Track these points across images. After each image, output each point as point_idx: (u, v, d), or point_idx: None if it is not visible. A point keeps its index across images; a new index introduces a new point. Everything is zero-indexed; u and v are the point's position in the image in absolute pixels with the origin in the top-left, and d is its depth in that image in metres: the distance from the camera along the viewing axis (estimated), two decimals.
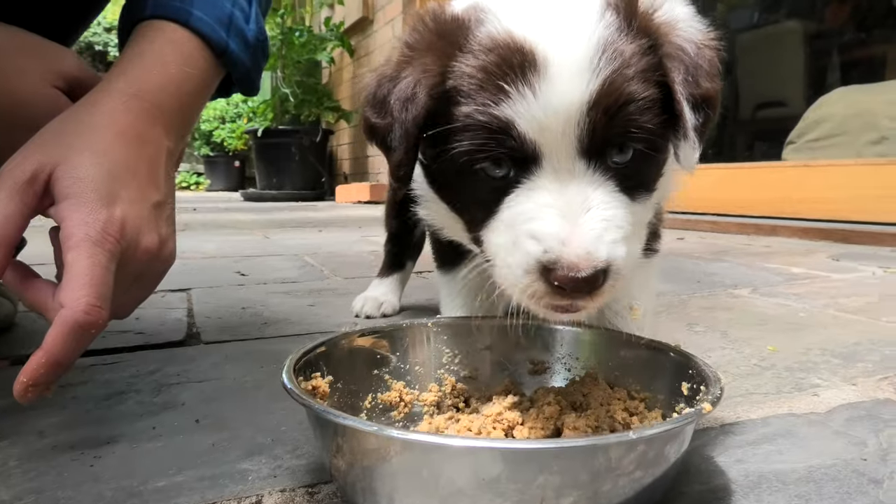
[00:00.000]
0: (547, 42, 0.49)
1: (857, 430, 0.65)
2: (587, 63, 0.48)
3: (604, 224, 0.47)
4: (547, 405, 0.60)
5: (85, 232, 0.57)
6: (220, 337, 1.04)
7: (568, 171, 0.49)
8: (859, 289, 1.43)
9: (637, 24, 0.51)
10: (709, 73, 0.52)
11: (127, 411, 0.72)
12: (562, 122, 0.48)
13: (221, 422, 0.68)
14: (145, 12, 0.74)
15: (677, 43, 0.52)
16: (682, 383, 0.59)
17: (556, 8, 0.52)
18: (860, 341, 1.00)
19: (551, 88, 0.48)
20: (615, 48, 0.49)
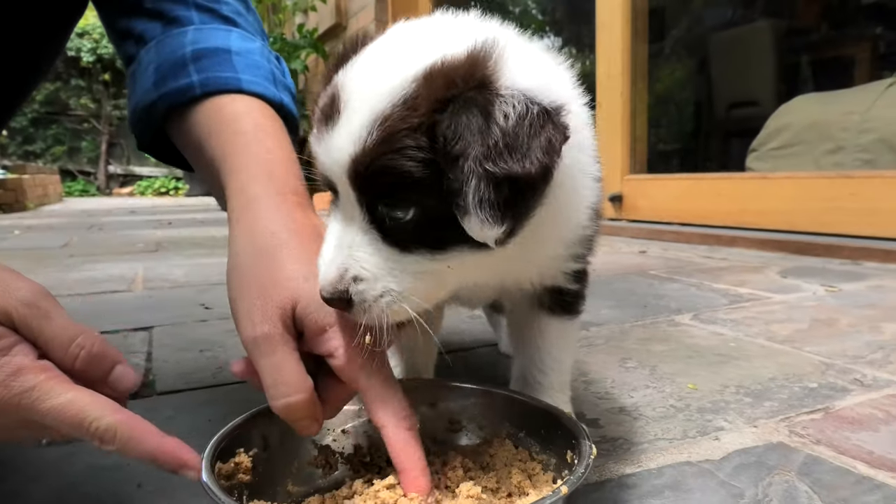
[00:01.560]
0: (346, 96, 0.54)
1: (740, 480, 0.72)
2: (361, 128, 0.52)
3: (351, 263, 0.56)
4: (452, 470, 0.67)
5: (358, 354, 0.62)
6: (175, 385, 1.09)
7: (349, 212, 0.57)
8: (794, 313, 1.51)
9: (434, 97, 0.51)
10: (521, 150, 0.49)
11: (75, 474, 0.77)
12: (339, 173, 0.55)
13: (162, 486, 0.73)
14: (194, 92, 0.79)
15: (475, 119, 0.49)
16: (568, 452, 0.65)
17: (378, 62, 0.56)
18: (776, 376, 1.07)
19: (333, 141, 0.54)
20: (392, 119, 0.51)
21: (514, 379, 0.85)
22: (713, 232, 2.84)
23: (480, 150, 0.48)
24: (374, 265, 0.56)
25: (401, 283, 0.57)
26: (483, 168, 0.48)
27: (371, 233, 0.56)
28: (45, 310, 0.58)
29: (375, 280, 0.56)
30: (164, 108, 0.84)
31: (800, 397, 0.97)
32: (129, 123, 0.95)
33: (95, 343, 0.59)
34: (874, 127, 2.69)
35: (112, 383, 0.61)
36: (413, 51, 0.55)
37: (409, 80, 0.52)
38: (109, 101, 13.86)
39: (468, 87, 0.50)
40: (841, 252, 2.26)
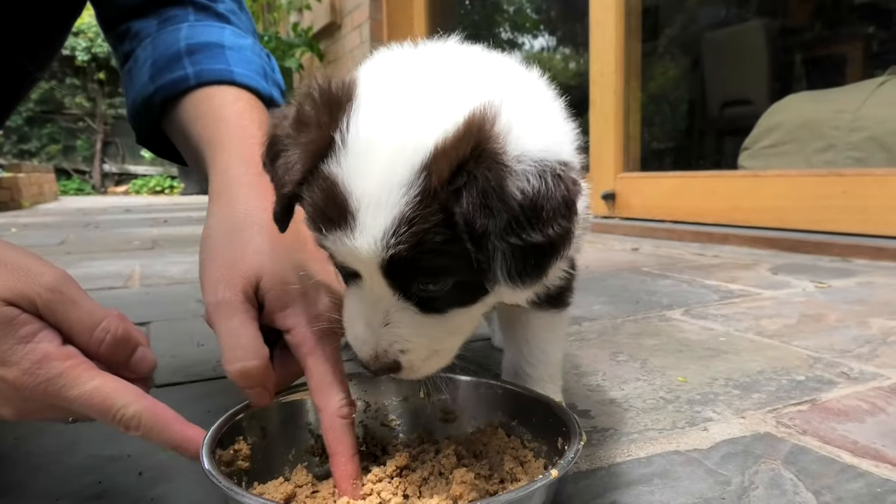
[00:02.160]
0: (356, 198, 0.51)
1: (727, 468, 0.74)
2: (384, 233, 0.50)
3: (394, 339, 0.57)
4: (446, 457, 0.69)
5: (312, 336, 0.66)
6: (173, 379, 1.11)
7: (378, 292, 0.56)
8: (783, 308, 1.53)
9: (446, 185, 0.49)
10: (540, 220, 0.48)
11: (76, 465, 0.78)
12: (367, 264, 0.53)
13: (164, 474, 0.75)
14: (188, 83, 0.81)
15: (491, 199, 0.48)
16: (559, 438, 0.67)
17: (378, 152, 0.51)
18: (764, 369, 1.09)
19: (357, 244, 0.52)
20: (413, 221, 0.49)
21: (505, 371, 0.87)
22: (705, 229, 2.86)
23: (501, 227, 0.48)
24: (416, 336, 0.58)
25: (441, 342, 0.61)
26: (507, 242, 0.48)
27: (407, 309, 0.57)
28: (70, 295, 0.59)
29: (421, 348, 0.59)
30: (161, 100, 0.87)
31: (787, 389, 0.99)
32: (129, 118, 0.97)
33: (120, 327, 0.61)
34: (865, 125, 2.72)
35: (133, 366, 0.64)
36: (412, 128, 0.51)
37: (418, 172, 0.49)
38: (104, 99, 13.82)
39: (478, 167, 0.48)
40: (831, 249, 2.29)
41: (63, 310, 0.58)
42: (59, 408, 0.58)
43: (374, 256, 0.51)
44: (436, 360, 0.61)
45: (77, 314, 0.59)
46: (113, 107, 13.84)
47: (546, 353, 0.84)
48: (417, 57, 0.61)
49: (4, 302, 0.56)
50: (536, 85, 0.64)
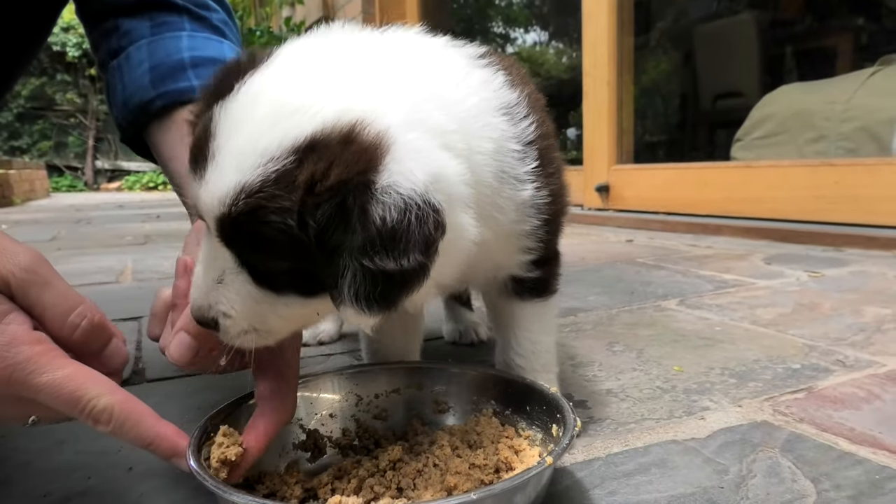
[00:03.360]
0: (217, 144, 0.50)
1: (724, 457, 0.73)
2: (228, 191, 0.49)
3: (219, 299, 0.56)
4: (440, 448, 0.68)
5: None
6: (164, 373, 1.09)
7: (219, 250, 0.54)
8: (778, 298, 1.53)
9: (309, 183, 0.47)
10: (396, 250, 0.47)
11: (66, 461, 0.77)
12: (208, 217, 0.52)
13: (153, 469, 0.74)
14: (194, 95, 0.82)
15: (352, 217, 0.47)
16: (553, 426, 0.66)
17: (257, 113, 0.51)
18: (760, 358, 1.08)
19: (201, 190, 0.51)
20: (260, 195, 0.48)
21: (497, 363, 0.87)
22: (699, 221, 2.86)
23: (356, 246, 0.46)
24: (241, 305, 0.56)
25: (266, 322, 0.57)
26: (359, 262, 0.47)
27: (241, 274, 0.55)
28: (45, 276, 0.56)
29: (241, 319, 0.56)
30: (160, 107, 0.87)
31: (783, 378, 0.99)
32: (117, 115, 0.95)
33: (97, 314, 0.59)
34: (856, 116, 2.72)
35: (106, 358, 0.60)
36: (299, 106, 0.50)
37: (285, 153, 0.48)
38: (96, 95, 13.68)
39: (349, 187, 0.47)
40: (824, 239, 2.29)
41: (37, 291, 0.55)
42: (20, 400, 0.53)
43: (214, 210, 0.50)
44: (255, 337, 0.58)
45: (51, 297, 0.56)
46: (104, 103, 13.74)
47: (535, 342, 0.84)
48: (351, 42, 0.60)
49: None
50: (457, 107, 0.59)
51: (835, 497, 0.64)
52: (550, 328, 0.85)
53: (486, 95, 0.64)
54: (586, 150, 3.58)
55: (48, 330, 0.56)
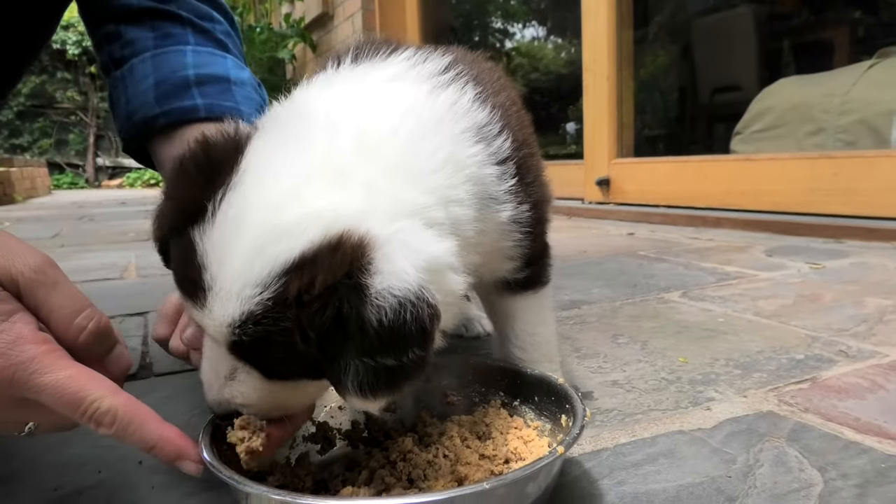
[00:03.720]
0: (211, 275, 0.51)
1: (731, 447, 0.74)
2: (230, 319, 0.50)
3: (235, 395, 0.58)
4: (449, 439, 0.69)
5: None
6: (172, 367, 1.10)
7: (226, 353, 0.55)
8: (780, 289, 1.54)
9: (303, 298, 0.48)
10: (395, 348, 0.48)
11: (76, 454, 0.77)
12: (213, 331, 0.53)
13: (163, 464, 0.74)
14: (199, 114, 0.84)
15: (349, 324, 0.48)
16: (562, 416, 0.67)
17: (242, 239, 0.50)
18: (763, 349, 1.09)
19: (204, 319, 0.52)
20: (261, 320, 0.49)
21: (497, 357, 0.87)
22: (699, 213, 2.87)
23: (356, 348, 0.48)
24: (256, 397, 0.57)
25: (284, 403, 0.60)
26: (360, 361, 0.48)
27: (252, 372, 0.56)
28: (53, 278, 0.56)
29: (261, 407, 0.58)
30: (164, 124, 0.88)
31: (787, 368, 0.99)
32: (121, 128, 0.96)
33: (103, 318, 0.59)
34: (854, 108, 2.72)
35: (110, 363, 0.60)
36: (279, 230, 0.50)
37: (277, 277, 0.48)
38: (96, 93, 13.64)
39: (342, 295, 0.47)
40: (824, 231, 2.30)
41: (45, 292, 0.55)
42: (21, 402, 0.53)
43: (220, 336, 0.52)
44: (277, 414, 0.61)
45: (59, 299, 0.56)
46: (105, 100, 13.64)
47: (533, 334, 0.84)
48: (326, 127, 0.57)
49: None
50: (430, 176, 0.58)
51: (842, 486, 0.65)
52: (547, 318, 0.85)
53: (455, 129, 0.62)
54: (587, 145, 3.58)
55: (54, 331, 0.56)
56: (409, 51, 0.71)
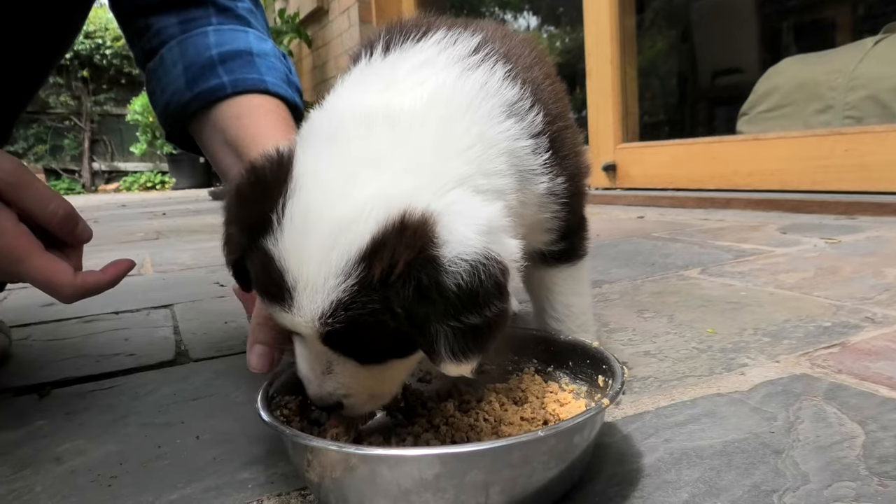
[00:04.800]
0: (293, 278, 0.53)
1: (770, 406, 0.76)
2: (320, 313, 0.52)
3: (336, 387, 0.60)
4: (488, 404, 0.71)
5: None
6: (208, 353, 1.12)
7: (320, 349, 0.57)
8: (798, 263, 1.55)
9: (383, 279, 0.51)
10: (476, 306, 0.50)
11: (133, 433, 0.80)
12: (306, 331, 0.55)
13: (219, 436, 0.77)
14: (225, 91, 0.88)
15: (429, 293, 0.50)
16: (599, 377, 0.69)
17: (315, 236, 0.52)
18: (790, 318, 1.11)
19: (294, 320, 0.54)
20: (347, 307, 0.51)
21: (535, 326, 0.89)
22: (707, 195, 2.88)
23: (441, 313, 0.50)
24: (355, 385, 0.60)
25: (380, 387, 0.63)
26: (448, 326, 0.50)
27: (348, 362, 0.58)
28: (27, 180, 0.70)
29: (361, 394, 0.61)
30: (197, 107, 0.91)
31: (816, 335, 1.01)
32: (161, 118, 0.99)
33: (68, 204, 0.74)
34: (862, 84, 2.73)
35: (77, 235, 0.77)
36: (349, 219, 0.52)
37: (355, 264, 0.51)
38: (89, 97, 13.60)
39: (419, 269, 0.50)
40: (835, 208, 2.31)
41: (22, 191, 0.70)
42: (7, 272, 0.70)
43: (312, 331, 0.54)
44: (375, 402, 0.65)
45: (34, 193, 0.71)
46: (98, 104, 13.63)
47: (570, 305, 0.86)
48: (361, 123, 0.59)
49: None
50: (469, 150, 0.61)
51: (883, 437, 0.66)
52: (583, 290, 0.87)
53: (485, 108, 0.64)
54: (591, 130, 3.59)
55: (35, 218, 0.72)
56: (439, 33, 0.71)
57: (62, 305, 1.58)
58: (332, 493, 0.56)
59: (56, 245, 0.75)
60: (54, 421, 0.85)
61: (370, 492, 0.53)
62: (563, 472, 0.56)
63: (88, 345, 1.23)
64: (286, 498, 0.62)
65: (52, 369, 1.08)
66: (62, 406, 0.91)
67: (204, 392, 0.93)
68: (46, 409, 0.90)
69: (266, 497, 0.62)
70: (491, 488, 0.52)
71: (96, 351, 1.18)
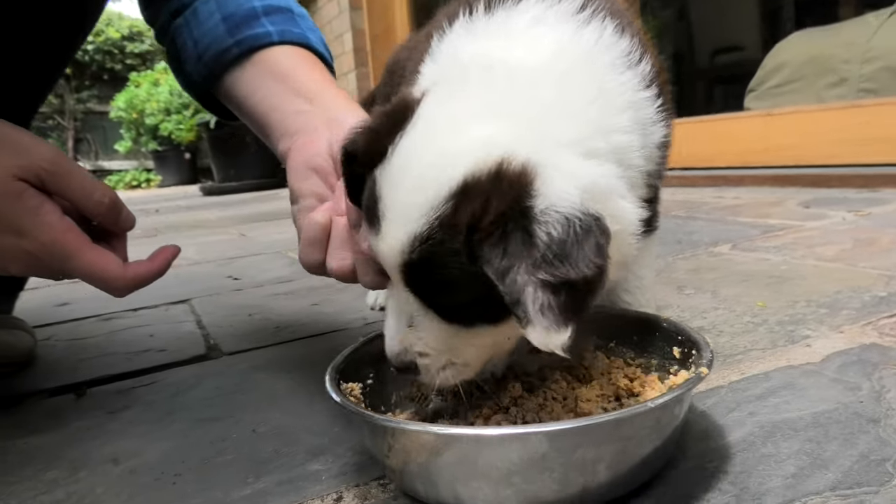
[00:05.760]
0: (384, 204, 0.54)
1: (850, 376, 0.73)
2: (401, 244, 0.52)
3: (414, 341, 0.58)
4: (554, 382, 0.68)
5: None
6: (240, 346, 1.08)
7: (405, 296, 0.57)
8: (833, 236, 1.52)
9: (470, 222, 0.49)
10: (572, 259, 0.47)
11: (184, 429, 0.76)
12: (390, 267, 0.55)
13: (275, 429, 0.73)
14: (272, 38, 0.87)
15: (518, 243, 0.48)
16: (674, 348, 0.66)
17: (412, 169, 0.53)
18: (841, 289, 1.08)
19: (379, 246, 0.55)
20: (430, 242, 0.50)
21: None
22: (720, 173, 2.84)
23: (529, 264, 0.47)
24: (434, 343, 0.57)
25: (461, 355, 0.59)
26: (537, 277, 0.46)
27: (429, 314, 0.56)
28: (68, 167, 0.66)
29: (438, 355, 0.58)
30: (238, 53, 0.87)
31: (874, 304, 0.98)
32: (191, 72, 0.93)
33: (112, 193, 0.70)
34: (878, 55, 2.69)
35: (121, 223, 0.72)
36: (446, 158, 0.51)
37: (444, 201, 0.50)
38: (72, 94, 13.42)
39: (510, 219, 0.48)
40: (856, 181, 2.28)
41: (64, 180, 0.65)
42: (56, 270, 0.67)
43: (394, 262, 0.54)
44: (453, 372, 0.60)
45: (77, 183, 0.66)
46: (81, 101, 13.44)
47: (642, 278, 0.84)
48: (483, 74, 0.58)
49: (14, 177, 0.62)
50: (585, 111, 0.58)
51: None
52: (652, 263, 0.86)
53: (604, 61, 0.63)
54: None
55: (80, 209, 0.67)
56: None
57: (77, 304, 1.54)
58: (419, 479, 0.53)
59: (99, 235, 0.71)
60: (97, 421, 0.82)
61: (464, 475, 0.50)
62: (662, 445, 0.53)
63: (114, 342, 1.19)
64: (365, 489, 0.58)
65: (82, 369, 1.04)
66: (100, 405, 0.87)
67: (246, 386, 0.90)
68: (85, 410, 0.86)
69: (345, 488, 0.59)
70: (598, 464, 0.49)
71: (123, 348, 1.14)
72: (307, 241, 0.67)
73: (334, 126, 0.75)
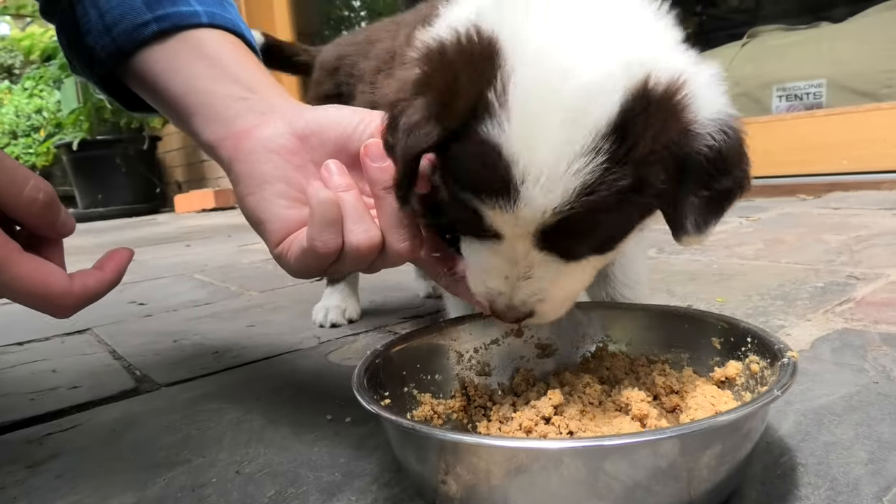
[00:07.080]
0: (523, 167, 0.46)
1: (847, 359, 0.74)
2: (556, 202, 0.46)
3: (531, 289, 0.55)
4: (587, 386, 0.63)
5: None
6: (177, 376, 0.93)
7: (522, 250, 0.52)
8: (742, 238, 1.62)
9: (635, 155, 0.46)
10: (726, 168, 0.49)
11: (142, 478, 0.62)
12: (521, 230, 0.50)
13: (265, 467, 0.61)
14: (200, 19, 0.76)
15: (685, 164, 0.48)
16: (712, 339, 0.63)
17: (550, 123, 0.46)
18: (783, 283, 1.13)
19: (524, 209, 0.48)
20: (593, 188, 0.46)
21: None
22: None
23: (696, 184, 0.49)
24: (554, 286, 0.55)
25: (573, 287, 0.58)
26: (698, 196, 0.49)
27: (551, 261, 0.53)
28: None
29: (557, 298, 0.57)
30: (157, 30, 0.75)
31: (819, 294, 1.03)
32: (95, 46, 0.78)
33: (47, 186, 0.56)
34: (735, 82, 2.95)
35: (59, 227, 0.60)
36: (589, 92, 0.46)
37: (605, 137, 0.45)
38: None
39: (674, 140, 0.47)
40: None
41: None
42: None
43: (535, 225, 0.49)
44: (564, 306, 0.59)
45: (5, 176, 0.53)
46: None
47: (639, 272, 0.82)
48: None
49: None
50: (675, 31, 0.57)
51: None
52: (644, 257, 0.85)
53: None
54: None
55: (9, 205, 0.54)
56: None
57: None
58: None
59: (28, 243, 0.57)
60: (14, 478, 0.64)
61: (573, 497, 0.43)
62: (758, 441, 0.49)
63: (5, 382, 0.99)
64: None
65: None
66: (14, 458, 0.69)
67: (200, 419, 0.76)
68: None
69: None
70: (721, 466, 0.44)
71: (21, 388, 0.94)
72: (323, 222, 0.56)
73: (287, 113, 0.67)
